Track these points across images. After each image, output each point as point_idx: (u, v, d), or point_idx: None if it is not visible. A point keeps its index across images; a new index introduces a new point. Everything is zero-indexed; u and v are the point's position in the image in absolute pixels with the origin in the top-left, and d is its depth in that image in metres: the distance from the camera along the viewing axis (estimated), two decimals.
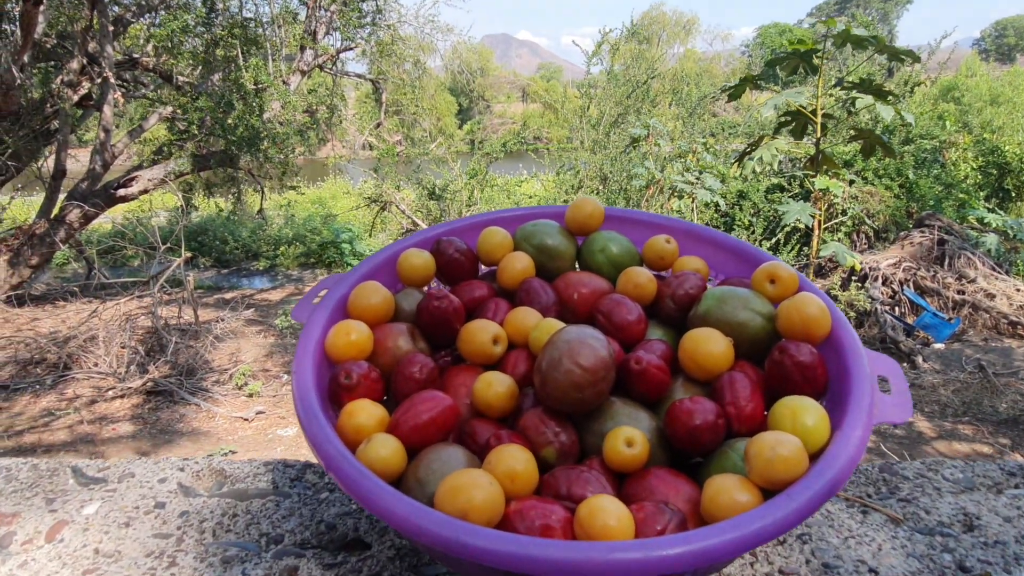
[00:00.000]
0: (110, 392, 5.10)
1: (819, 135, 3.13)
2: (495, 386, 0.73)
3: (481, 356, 0.79)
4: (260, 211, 7.22)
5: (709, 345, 0.74)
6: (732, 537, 0.53)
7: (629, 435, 0.66)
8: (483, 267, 0.97)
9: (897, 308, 5.54)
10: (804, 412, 0.64)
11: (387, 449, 0.64)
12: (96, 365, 5.29)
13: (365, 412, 0.68)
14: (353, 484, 0.59)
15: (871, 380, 0.68)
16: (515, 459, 0.62)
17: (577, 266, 0.95)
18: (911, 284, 5.60)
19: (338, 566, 0.78)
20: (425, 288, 0.91)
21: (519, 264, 0.89)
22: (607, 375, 0.68)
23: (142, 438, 4.58)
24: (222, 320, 5.84)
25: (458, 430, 0.74)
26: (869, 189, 6.22)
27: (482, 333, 0.79)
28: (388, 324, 0.80)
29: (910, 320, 5.32)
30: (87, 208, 5.82)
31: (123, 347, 5.42)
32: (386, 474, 0.64)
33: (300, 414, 0.66)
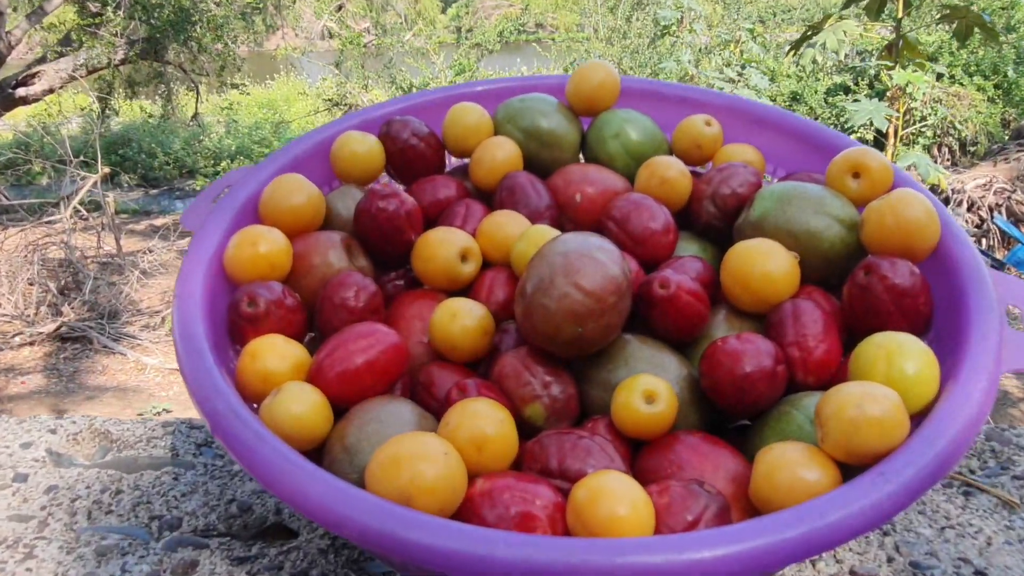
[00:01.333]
0: (17, 338, 5.03)
1: (900, 14, 2.95)
2: (461, 318, 0.62)
3: (444, 278, 0.68)
4: (195, 116, 7.01)
5: (764, 262, 0.63)
6: (797, 535, 0.44)
7: (650, 387, 0.56)
8: (452, 159, 0.86)
9: (984, 240, 5.43)
10: (904, 355, 0.54)
11: (302, 404, 0.54)
12: None
13: (275, 353, 0.58)
14: (247, 453, 0.49)
15: (999, 312, 0.57)
16: (484, 419, 0.52)
17: (582, 157, 0.84)
18: (1003, 211, 5.47)
19: (251, 560, 0.70)
20: (370, 185, 0.79)
21: (500, 153, 0.77)
22: (619, 302, 0.58)
23: (57, 394, 4.54)
24: (151, 251, 5.73)
25: (409, 380, 0.64)
26: (956, 91, 6.02)
27: (445, 246, 0.68)
28: (315, 234, 0.69)
29: (1000, 254, 5.21)
30: None
31: (31, 284, 5.33)
32: (300, 439, 0.54)
33: (180, 353, 0.56)
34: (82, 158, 5.62)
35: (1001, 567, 0.67)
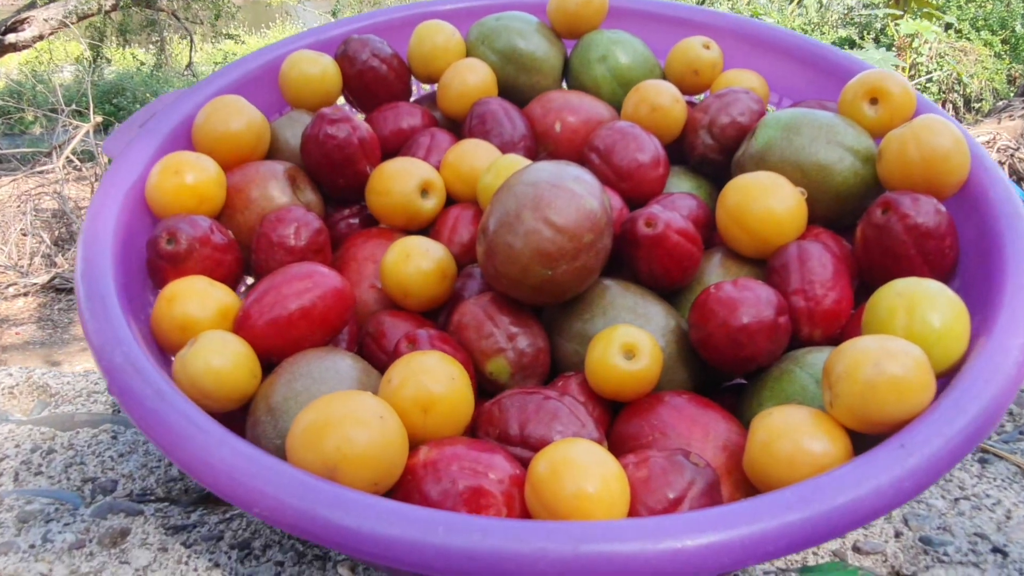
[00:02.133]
0: (11, 289, 4.95)
1: None
2: (416, 259, 0.53)
3: (402, 215, 0.59)
4: (189, 66, 6.83)
5: (768, 199, 0.54)
6: (799, 520, 0.36)
7: (630, 340, 0.47)
8: (419, 84, 0.76)
9: None
10: (927, 304, 0.45)
11: (222, 357, 0.46)
12: None
13: (197, 297, 0.49)
14: (145, 412, 0.41)
15: None
16: (432, 375, 0.43)
17: (565, 84, 0.74)
18: (1007, 168, 5.35)
19: (188, 529, 0.62)
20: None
21: (472, 77, 0.68)
22: (596, 241, 0.49)
23: (53, 344, 4.47)
24: None
25: (358, 331, 0.55)
26: (963, 45, 5.84)
27: (404, 178, 0.59)
28: (254, 164, 0.60)
29: None
30: None
31: (24, 234, 5.23)
32: (221, 398, 0.46)
33: (80, 297, 0.47)
34: (75, 107, 5.47)
35: (1021, 543, 0.59)
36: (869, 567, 0.58)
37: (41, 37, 5.67)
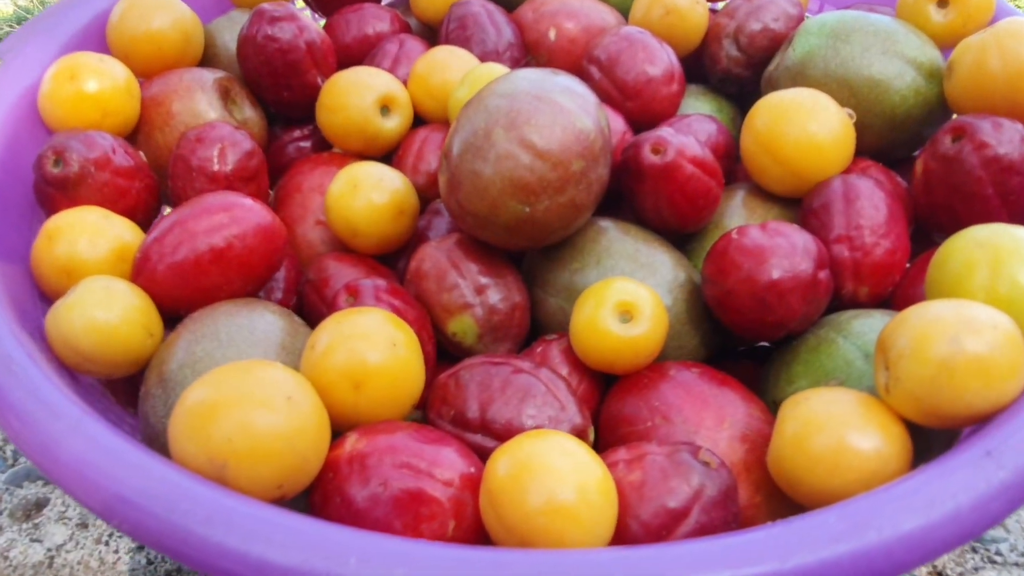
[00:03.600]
0: None
1: None
2: (366, 190, 0.42)
3: (358, 136, 0.48)
4: None
5: (806, 121, 0.43)
6: (848, 552, 0.25)
7: (627, 297, 0.37)
8: None
9: None
10: (1017, 258, 0.34)
11: (110, 310, 0.35)
12: None
13: (87, 232, 0.39)
14: None
15: None
16: (368, 340, 0.33)
17: None
18: None
19: None
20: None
21: None
22: (589, 170, 0.37)
23: None
24: None
25: (298, 276, 0.45)
26: None
27: (359, 92, 0.47)
28: (177, 71, 0.49)
29: None
30: None
31: None
32: (105, 362, 0.36)
33: None
34: None
35: None
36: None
37: None
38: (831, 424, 0.32)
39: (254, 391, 0.29)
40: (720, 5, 0.63)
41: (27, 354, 0.32)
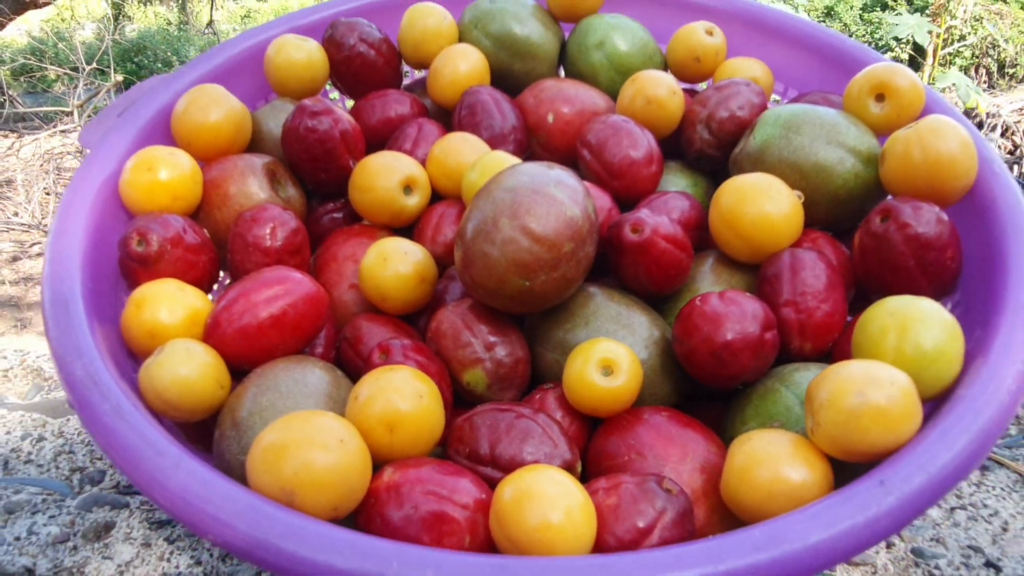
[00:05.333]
0: (35, 247, 5.02)
1: None
2: (394, 262, 0.52)
3: (385, 212, 0.58)
4: (210, 24, 6.79)
5: (761, 202, 0.52)
6: (767, 559, 0.34)
7: (609, 355, 0.46)
8: (410, 70, 0.74)
9: (1017, 167, 5.18)
10: (918, 325, 0.43)
11: (189, 367, 0.45)
12: (16, 215, 5.18)
13: (166, 302, 0.48)
14: (102, 429, 0.40)
15: None
16: (399, 393, 0.42)
17: (562, 71, 0.72)
18: None
19: (172, 524, 0.62)
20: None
21: (464, 64, 0.65)
22: (578, 250, 0.47)
23: None
24: None
25: (336, 334, 0.54)
26: (999, 9, 5.64)
27: (386, 174, 0.57)
28: (232, 158, 0.59)
29: None
30: None
31: (48, 193, 5.28)
32: (186, 410, 0.45)
33: (44, 302, 0.46)
34: (96, 65, 5.45)
35: (1017, 558, 0.58)
36: None
37: None
38: (769, 460, 0.41)
39: (314, 435, 0.39)
40: (701, 86, 0.72)
41: (132, 404, 0.41)
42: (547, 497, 0.37)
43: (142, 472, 0.38)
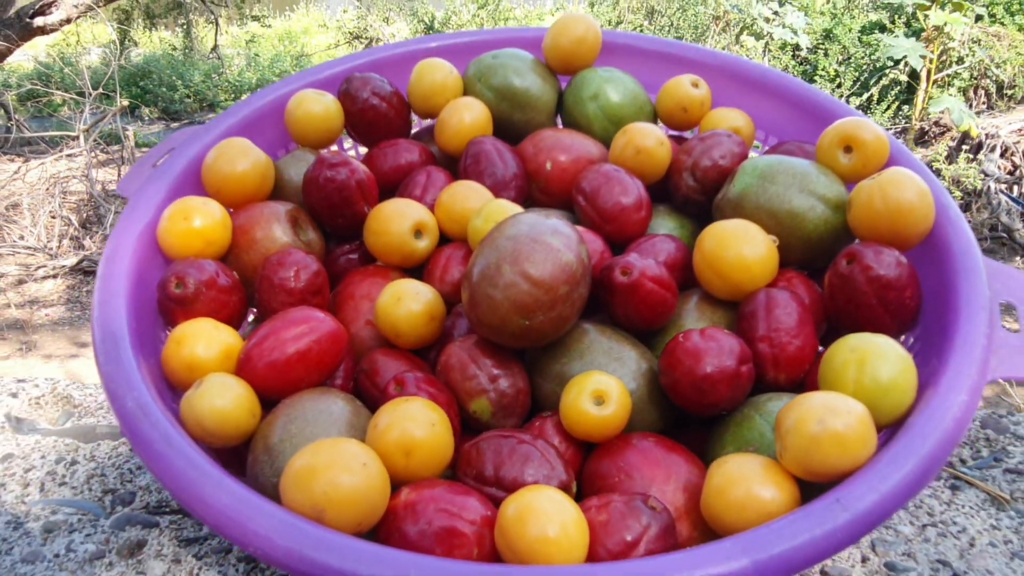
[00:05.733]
0: (40, 271, 5.08)
1: None
2: (407, 301, 0.58)
3: (397, 254, 0.64)
4: (214, 49, 6.90)
5: (740, 246, 0.58)
6: (736, 568, 0.40)
7: (600, 387, 0.51)
8: (418, 120, 0.80)
9: (1017, 187, 5.24)
10: (876, 360, 0.48)
11: (224, 399, 0.50)
12: (22, 238, 5.24)
13: (203, 339, 0.54)
14: (153, 455, 0.45)
15: (989, 310, 0.52)
16: (414, 421, 0.48)
17: (558, 121, 0.78)
18: None
19: (200, 542, 0.67)
20: (325, 151, 0.74)
21: (468, 116, 0.71)
22: (572, 292, 0.53)
23: (80, 325, 4.59)
24: None
25: (354, 366, 0.60)
26: (996, 30, 5.74)
27: (399, 220, 0.63)
28: (258, 205, 0.65)
29: None
30: None
31: (53, 217, 5.35)
32: (222, 436, 0.51)
33: (95, 340, 0.52)
34: (101, 90, 5.55)
35: (982, 571, 0.63)
36: None
37: (68, 20, 5.76)
38: (743, 480, 0.46)
39: (340, 460, 0.44)
40: (688, 133, 0.78)
41: (178, 432, 0.47)
42: (545, 513, 0.43)
43: (189, 493, 0.44)
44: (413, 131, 0.80)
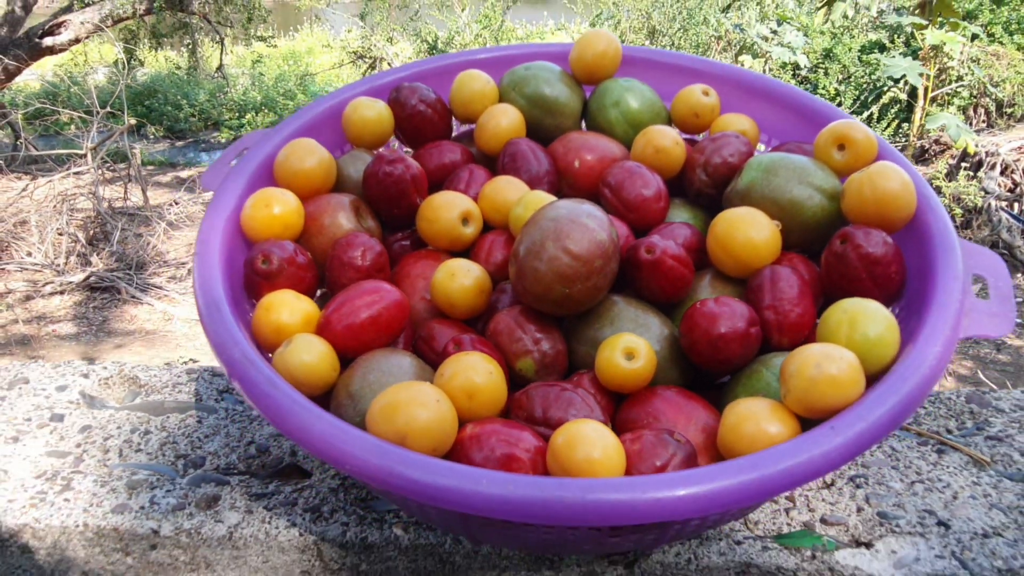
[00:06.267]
0: (47, 287, 5.17)
1: None
2: (459, 277, 0.67)
3: (446, 239, 0.73)
4: (220, 68, 7.05)
5: (748, 229, 0.67)
6: (748, 479, 0.49)
7: (630, 345, 0.61)
8: (458, 124, 0.90)
9: (1017, 205, 5.35)
10: (865, 319, 0.58)
11: (311, 354, 0.60)
12: (29, 255, 5.34)
13: (287, 307, 0.64)
14: (261, 395, 0.55)
15: (962, 280, 0.61)
16: (475, 371, 0.57)
17: (584, 125, 0.88)
18: None
19: (268, 497, 0.76)
20: (380, 150, 0.84)
21: (504, 120, 0.81)
22: (605, 266, 0.62)
23: (86, 341, 4.67)
24: (177, 204, 5.81)
25: (411, 334, 0.69)
26: (995, 49, 5.88)
27: (448, 209, 0.73)
28: (325, 196, 0.74)
29: None
30: (7, 61, 5.71)
31: (60, 234, 5.45)
32: (310, 386, 0.60)
33: (200, 306, 0.61)
34: (108, 109, 5.68)
35: (964, 519, 0.72)
36: (833, 536, 0.71)
37: (77, 40, 5.91)
38: (753, 417, 0.56)
39: (417, 397, 0.54)
40: (700, 136, 0.89)
41: (278, 377, 0.56)
42: (590, 439, 0.52)
43: (294, 426, 0.53)
44: (453, 135, 0.90)
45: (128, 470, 0.81)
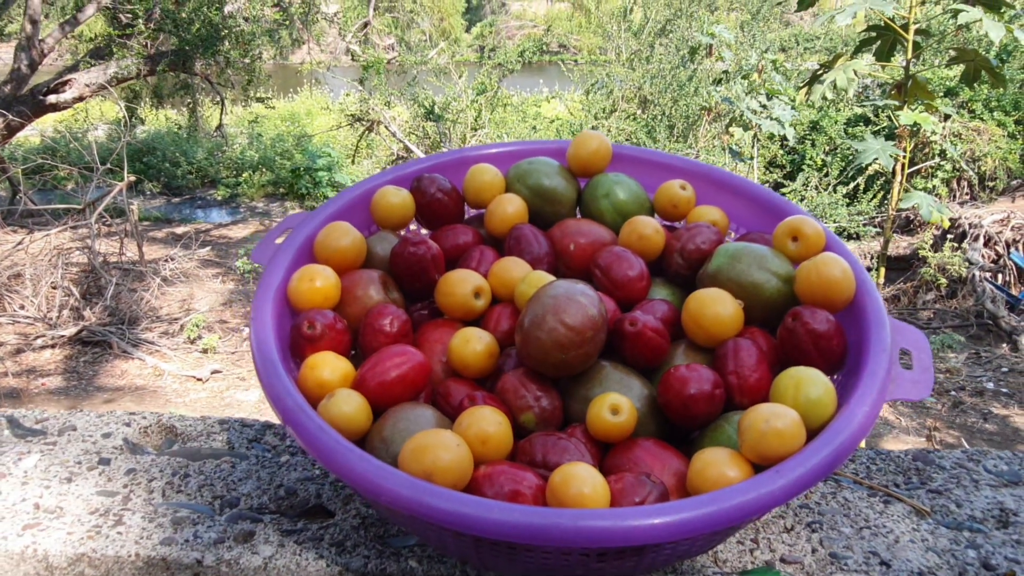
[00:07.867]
0: (39, 340, 5.27)
1: (910, 56, 3.13)
2: (473, 343, 0.81)
3: (460, 310, 0.88)
4: (219, 127, 7.28)
5: (715, 307, 0.82)
6: (709, 511, 0.62)
7: (615, 402, 0.75)
8: (470, 210, 1.05)
9: (1000, 275, 5.56)
10: (808, 384, 0.72)
11: (350, 406, 0.73)
12: (22, 308, 5.45)
13: (329, 366, 0.77)
14: (312, 439, 0.68)
15: (889, 353, 0.76)
16: (487, 421, 0.71)
17: (578, 213, 1.03)
18: (1020, 247, 5.61)
19: (298, 532, 0.89)
20: (402, 232, 0.99)
21: (510, 208, 0.96)
22: (595, 336, 0.77)
23: (76, 395, 4.75)
24: (172, 259, 5.96)
25: (431, 390, 0.83)
26: (976, 126, 6.17)
27: (463, 285, 0.87)
28: (358, 271, 0.89)
29: (1016, 291, 5.34)
30: (10, 117, 5.91)
31: (54, 287, 5.57)
32: (349, 432, 0.73)
33: (257, 363, 0.75)
34: (108, 165, 5.87)
35: (903, 559, 0.85)
36: (791, 572, 0.84)
37: (81, 99, 6.14)
38: (715, 464, 0.69)
39: (441, 442, 0.67)
40: (679, 223, 1.04)
41: (326, 424, 0.70)
42: (581, 478, 0.66)
43: (338, 464, 0.66)
44: (465, 218, 1.05)
45: (171, 508, 0.93)
